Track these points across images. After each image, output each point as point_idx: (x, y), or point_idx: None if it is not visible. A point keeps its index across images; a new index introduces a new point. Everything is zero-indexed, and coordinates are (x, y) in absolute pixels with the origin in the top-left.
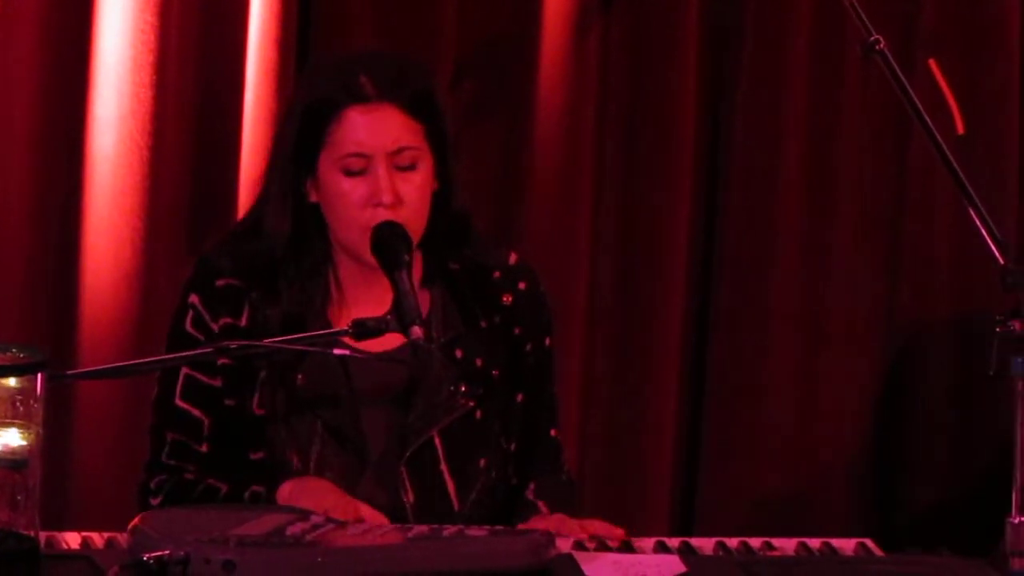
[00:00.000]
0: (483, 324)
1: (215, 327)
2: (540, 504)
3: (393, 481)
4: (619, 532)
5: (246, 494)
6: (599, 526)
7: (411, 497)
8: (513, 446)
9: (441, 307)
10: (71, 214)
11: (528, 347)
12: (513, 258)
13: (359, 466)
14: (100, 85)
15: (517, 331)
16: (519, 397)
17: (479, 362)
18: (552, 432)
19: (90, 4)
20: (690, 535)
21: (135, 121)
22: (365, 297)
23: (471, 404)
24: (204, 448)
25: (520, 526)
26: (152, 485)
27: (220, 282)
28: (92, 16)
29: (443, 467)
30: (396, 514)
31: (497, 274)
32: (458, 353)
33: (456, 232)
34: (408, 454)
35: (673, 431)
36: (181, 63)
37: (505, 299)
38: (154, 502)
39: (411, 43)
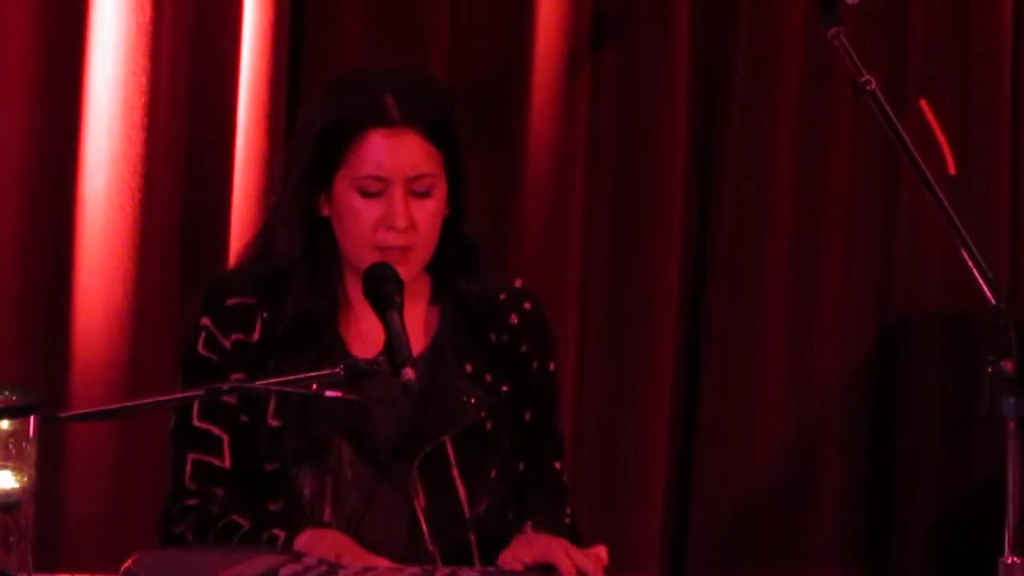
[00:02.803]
0: (492, 339)
1: (227, 343)
2: (526, 525)
3: (405, 484)
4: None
5: (264, 536)
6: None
7: (423, 501)
8: (522, 466)
9: (451, 323)
10: (63, 255)
11: (535, 365)
12: (518, 282)
13: (374, 469)
14: (91, 127)
15: (523, 348)
16: (527, 416)
17: (488, 377)
18: (556, 464)
19: (81, 46)
20: (683, 560)
21: (126, 163)
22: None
23: (482, 414)
24: (227, 464)
25: (505, 554)
26: (175, 512)
27: (231, 301)
28: (83, 58)
29: (455, 472)
30: (409, 520)
31: (503, 295)
32: (468, 367)
33: (465, 258)
34: (421, 456)
35: (665, 456)
36: (172, 105)
37: (512, 319)
38: (176, 530)
39: None
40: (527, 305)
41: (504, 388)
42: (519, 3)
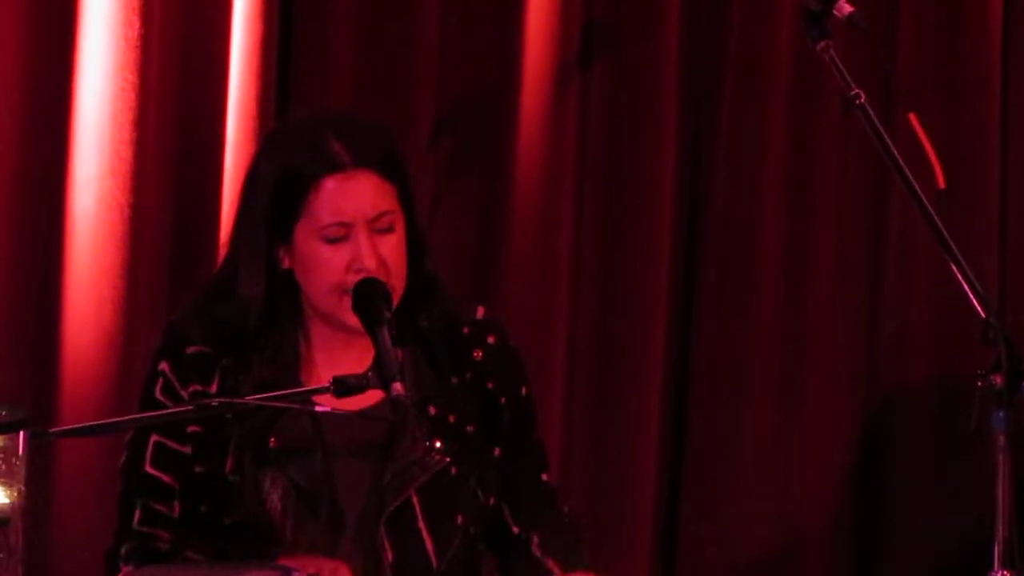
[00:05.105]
0: (455, 380)
1: (184, 394)
2: (550, 563)
3: (372, 541)
4: None
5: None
6: None
7: (390, 556)
8: (492, 500)
9: (413, 365)
10: (52, 271)
11: (503, 400)
12: (480, 312)
13: (334, 528)
14: (80, 144)
15: (491, 385)
16: (496, 451)
17: (452, 419)
18: (544, 477)
19: (70, 62)
20: None
21: (115, 179)
22: (337, 360)
23: (446, 460)
24: (175, 514)
25: None
26: (122, 552)
27: (190, 350)
28: (72, 75)
29: (421, 525)
30: (376, 574)
31: (466, 330)
32: (431, 410)
33: (426, 289)
34: (387, 514)
35: (654, 484)
36: (161, 121)
37: (476, 354)
38: (124, 569)
39: (391, 99)
40: (491, 339)
41: (469, 428)
42: (508, 16)
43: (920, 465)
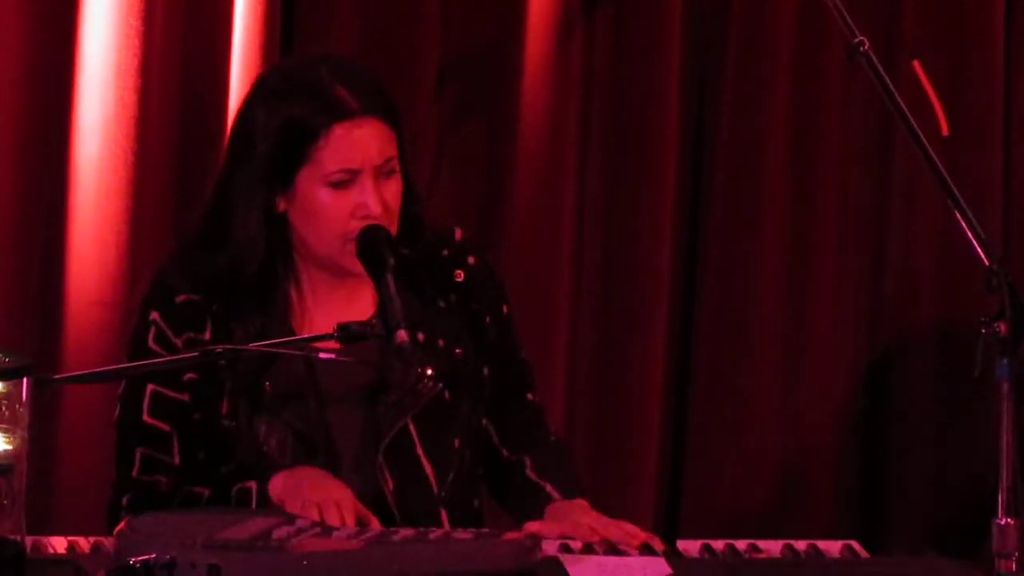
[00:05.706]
0: (441, 304)
1: (178, 342)
2: (548, 487)
3: (372, 473)
4: (642, 537)
5: (232, 491)
6: (619, 530)
7: (390, 485)
8: (485, 421)
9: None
10: (56, 218)
11: (487, 319)
12: (458, 234)
13: (332, 472)
14: (84, 90)
15: (474, 306)
16: (485, 371)
17: (441, 343)
18: (529, 396)
19: (74, 9)
20: (675, 535)
21: (119, 126)
22: (326, 304)
23: (439, 386)
24: (176, 461)
25: (533, 524)
26: (124, 502)
27: (180, 298)
28: (76, 21)
29: (419, 452)
30: (377, 504)
31: (446, 252)
32: (420, 336)
33: (412, 226)
34: (385, 444)
35: (658, 432)
36: (165, 67)
37: (457, 276)
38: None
39: (395, 49)
40: (471, 259)
41: (458, 351)
42: None
43: (924, 413)
